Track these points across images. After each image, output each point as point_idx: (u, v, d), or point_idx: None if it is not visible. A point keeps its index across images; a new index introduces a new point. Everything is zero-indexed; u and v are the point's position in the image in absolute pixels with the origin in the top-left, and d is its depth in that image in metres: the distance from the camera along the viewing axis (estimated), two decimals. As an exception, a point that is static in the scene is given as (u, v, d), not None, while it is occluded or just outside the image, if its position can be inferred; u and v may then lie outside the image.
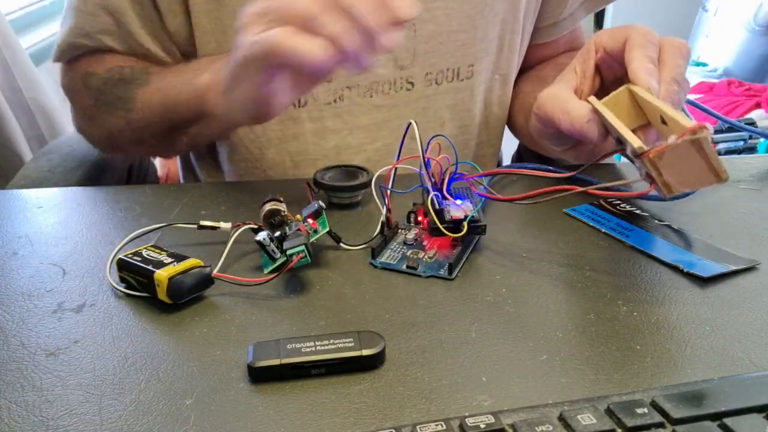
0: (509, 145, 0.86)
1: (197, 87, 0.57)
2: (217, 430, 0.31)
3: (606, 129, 0.49)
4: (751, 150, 1.70)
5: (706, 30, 2.60)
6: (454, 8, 0.65)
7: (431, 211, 0.44)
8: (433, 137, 0.47)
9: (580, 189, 0.40)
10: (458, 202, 0.46)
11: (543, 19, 0.73)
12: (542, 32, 0.75)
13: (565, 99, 0.52)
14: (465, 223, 0.43)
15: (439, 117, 0.69)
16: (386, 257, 0.45)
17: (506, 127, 0.78)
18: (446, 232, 0.44)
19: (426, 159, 0.46)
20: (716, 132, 1.64)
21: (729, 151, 1.68)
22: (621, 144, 0.43)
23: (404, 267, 0.44)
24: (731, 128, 1.60)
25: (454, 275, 0.43)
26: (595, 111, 0.49)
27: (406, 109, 0.68)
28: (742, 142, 1.68)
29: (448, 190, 0.47)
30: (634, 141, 0.37)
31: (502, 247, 0.47)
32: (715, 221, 0.51)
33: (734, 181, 0.58)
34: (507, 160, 0.88)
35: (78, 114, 0.70)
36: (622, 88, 0.50)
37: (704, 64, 2.56)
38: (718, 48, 2.53)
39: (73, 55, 0.68)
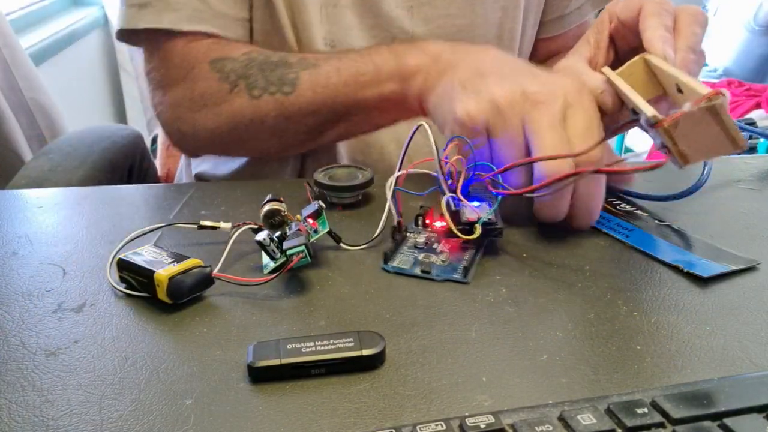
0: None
1: (404, 70, 0.55)
2: (217, 430, 0.31)
3: (621, 100, 0.48)
4: (751, 150, 1.70)
5: (706, 30, 2.60)
6: None
7: (446, 213, 0.44)
8: (452, 139, 0.47)
9: (592, 169, 0.39)
10: (475, 203, 0.45)
11: (549, 12, 0.73)
12: (549, 26, 0.75)
13: (578, 71, 0.52)
14: (478, 226, 0.43)
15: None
16: (398, 262, 0.45)
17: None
18: (460, 234, 0.43)
19: (443, 160, 0.46)
20: (716, 132, 1.64)
21: (729, 151, 1.68)
22: (636, 115, 0.42)
23: (418, 271, 0.44)
24: (731, 128, 1.60)
25: (469, 278, 0.43)
26: (609, 82, 0.48)
27: None
28: (742, 142, 1.68)
29: (465, 192, 0.47)
30: (648, 110, 0.36)
31: (501, 247, 0.47)
32: (715, 221, 0.51)
33: (734, 181, 0.58)
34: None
35: (185, 102, 0.63)
36: (636, 58, 0.49)
37: (704, 64, 2.56)
38: (718, 48, 2.53)
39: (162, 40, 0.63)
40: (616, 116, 0.49)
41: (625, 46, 0.55)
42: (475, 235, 0.43)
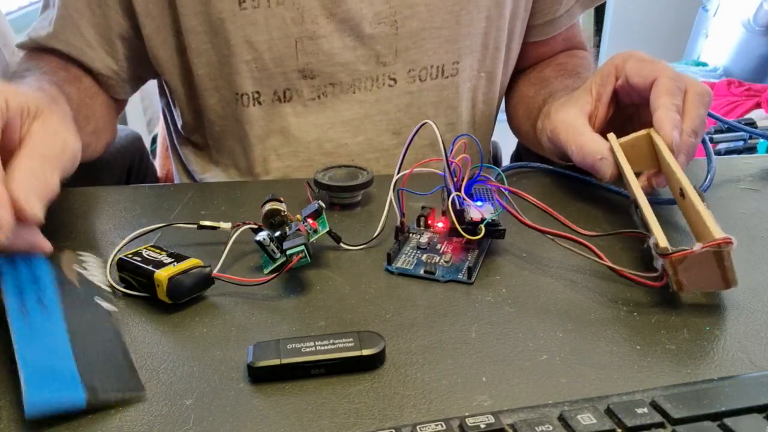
0: (509, 143, 0.86)
1: None
2: (217, 430, 0.31)
3: (618, 171, 0.49)
4: (751, 150, 1.70)
5: (706, 30, 2.60)
6: (436, 4, 0.65)
7: (451, 211, 0.44)
8: (458, 137, 0.47)
9: (602, 260, 0.41)
10: (478, 203, 0.45)
11: (538, 17, 0.73)
12: (538, 30, 0.74)
13: (579, 131, 0.52)
14: (482, 226, 0.43)
15: (423, 114, 0.70)
16: (402, 262, 0.45)
17: (510, 127, 0.78)
18: (464, 234, 0.43)
19: (449, 161, 0.46)
20: (716, 132, 1.64)
21: (729, 151, 1.68)
22: (637, 208, 0.44)
23: (422, 272, 0.43)
24: (731, 128, 1.60)
25: (473, 279, 0.43)
26: (612, 151, 0.49)
27: (388, 105, 0.68)
28: (742, 142, 1.68)
29: (468, 192, 0.47)
30: (661, 240, 0.38)
31: (502, 248, 0.47)
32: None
33: (734, 181, 0.58)
34: (506, 159, 0.88)
35: None
36: (643, 133, 0.50)
37: (704, 64, 2.56)
38: (718, 48, 2.53)
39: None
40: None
41: (627, 100, 0.55)
42: (480, 236, 0.43)
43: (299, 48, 0.64)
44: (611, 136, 0.51)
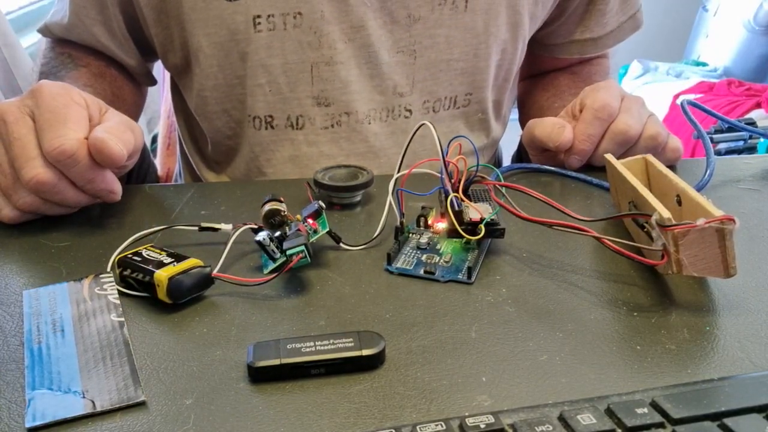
0: (509, 144, 0.86)
1: None
2: (217, 430, 0.31)
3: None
4: (751, 150, 1.70)
5: (706, 30, 2.60)
6: (457, 36, 0.65)
7: (450, 212, 0.44)
8: (454, 138, 0.47)
9: (595, 235, 0.40)
10: (476, 204, 0.45)
11: (577, 33, 0.74)
12: (578, 45, 0.75)
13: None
14: (482, 226, 0.43)
15: (436, 145, 0.70)
16: (402, 262, 0.45)
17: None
18: (464, 234, 0.43)
19: (446, 161, 0.46)
20: (716, 132, 1.64)
21: (729, 151, 1.68)
22: (636, 209, 0.44)
23: (422, 272, 0.44)
24: (731, 128, 1.60)
25: (473, 279, 0.43)
26: (611, 167, 0.50)
27: (402, 137, 0.68)
28: (742, 142, 1.68)
29: (466, 193, 0.47)
30: (664, 212, 0.38)
31: (502, 248, 0.47)
32: (715, 221, 0.51)
33: (734, 181, 0.58)
34: (507, 160, 0.88)
35: None
36: (639, 157, 0.51)
37: (704, 64, 2.56)
38: (718, 48, 2.53)
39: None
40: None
41: None
42: (480, 236, 0.43)
43: (314, 73, 0.63)
44: (608, 156, 0.52)
